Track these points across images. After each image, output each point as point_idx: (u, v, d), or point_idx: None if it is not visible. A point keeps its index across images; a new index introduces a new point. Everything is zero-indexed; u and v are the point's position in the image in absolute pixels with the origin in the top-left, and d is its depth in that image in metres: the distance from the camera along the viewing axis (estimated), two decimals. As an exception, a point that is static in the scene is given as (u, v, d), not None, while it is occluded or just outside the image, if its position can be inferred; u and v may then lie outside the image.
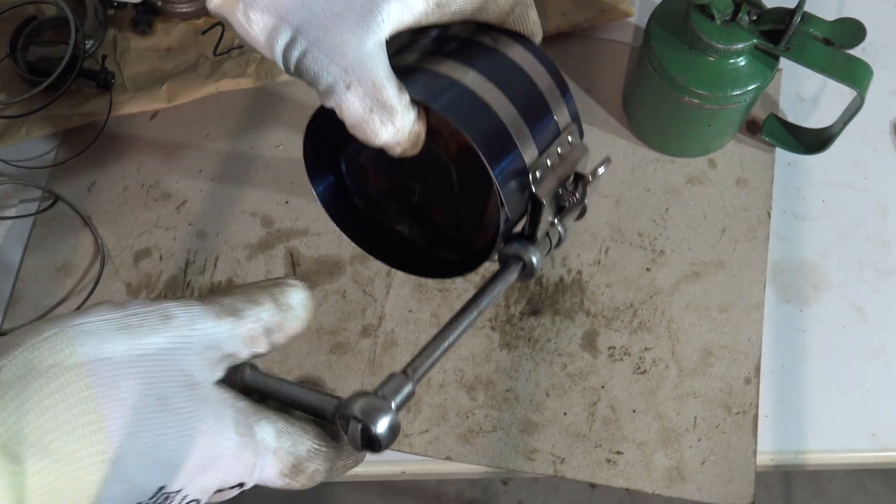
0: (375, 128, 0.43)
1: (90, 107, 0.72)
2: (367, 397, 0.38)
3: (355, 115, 0.42)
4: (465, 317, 0.44)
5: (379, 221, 0.55)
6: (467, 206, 0.51)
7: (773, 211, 0.70)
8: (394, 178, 0.52)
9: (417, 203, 0.52)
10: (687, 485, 0.62)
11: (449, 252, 0.54)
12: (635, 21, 0.76)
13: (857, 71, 0.59)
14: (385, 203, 0.54)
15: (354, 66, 0.41)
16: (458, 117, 0.44)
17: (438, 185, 0.51)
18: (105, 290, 0.68)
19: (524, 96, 0.47)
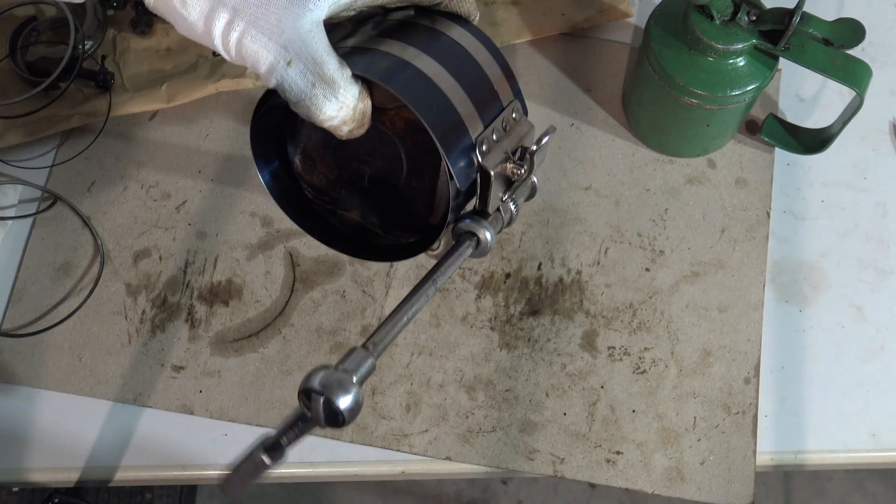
0: (319, 102, 0.43)
1: (90, 107, 0.72)
2: (328, 371, 0.37)
3: (297, 91, 0.43)
4: (422, 292, 0.45)
5: (331, 211, 0.55)
6: (417, 184, 0.51)
7: (773, 211, 0.70)
8: (342, 165, 0.52)
9: (368, 187, 0.52)
10: (686, 485, 0.62)
11: (404, 233, 0.53)
12: (635, 21, 0.76)
13: (856, 71, 0.59)
14: (335, 191, 0.54)
15: (294, 42, 0.42)
16: (400, 90, 0.44)
17: (387, 166, 0.51)
18: (105, 291, 0.68)
19: (465, 72, 0.48)
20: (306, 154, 0.53)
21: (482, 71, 0.49)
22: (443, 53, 0.47)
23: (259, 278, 0.68)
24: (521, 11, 0.74)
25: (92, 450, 0.64)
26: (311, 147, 0.52)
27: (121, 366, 0.66)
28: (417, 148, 0.49)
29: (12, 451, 0.64)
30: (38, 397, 0.66)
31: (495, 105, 0.49)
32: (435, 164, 0.49)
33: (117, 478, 0.64)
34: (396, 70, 0.45)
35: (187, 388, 0.65)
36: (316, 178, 0.53)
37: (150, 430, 0.65)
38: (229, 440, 0.64)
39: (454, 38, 0.49)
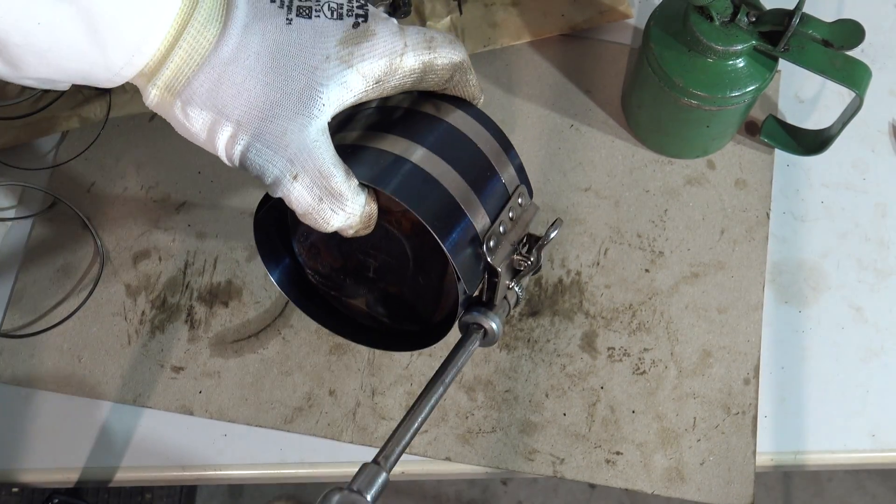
0: (326, 216, 0.42)
1: (90, 108, 0.72)
2: (343, 494, 0.38)
3: (305, 206, 0.42)
4: (432, 394, 0.44)
5: (336, 297, 0.55)
6: (424, 280, 0.51)
7: (772, 212, 0.70)
8: (347, 256, 0.52)
9: (373, 277, 0.52)
10: (686, 485, 0.62)
11: (409, 323, 0.54)
12: (634, 22, 0.76)
13: (855, 72, 0.59)
14: (339, 279, 0.54)
15: (299, 156, 0.41)
16: (407, 198, 0.43)
17: (393, 261, 0.51)
18: (104, 291, 0.68)
19: (471, 165, 0.47)
20: (310, 244, 0.53)
21: (489, 162, 0.48)
22: (448, 149, 0.46)
23: (259, 279, 0.68)
24: (520, 13, 0.74)
25: (91, 450, 0.64)
26: (314, 239, 0.52)
27: (120, 366, 0.66)
28: (424, 247, 0.49)
29: (12, 451, 0.65)
30: (37, 398, 0.66)
31: (502, 195, 0.48)
32: (442, 263, 0.48)
33: (117, 478, 0.64)
34: (403, 177, 0.44)
35: (187, 388, 0.65)
36: (320, 266, 0.54)
37: (150, 430, 0.65)
38: (229, 441, 0.64)
39: (459, 129, 0.47)
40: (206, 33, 0.40)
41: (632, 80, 0.70)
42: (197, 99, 0.41)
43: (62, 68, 0.39)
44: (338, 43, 0.41)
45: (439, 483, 1.49)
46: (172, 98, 0.41)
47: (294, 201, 0.42)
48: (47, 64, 0.38)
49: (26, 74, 0.39)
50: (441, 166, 0.45)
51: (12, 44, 0.36)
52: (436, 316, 0.52)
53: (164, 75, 0.41)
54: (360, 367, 0.66)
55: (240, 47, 0.40)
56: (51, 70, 0.39)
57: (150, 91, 0.41)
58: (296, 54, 0.40)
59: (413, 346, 0.52)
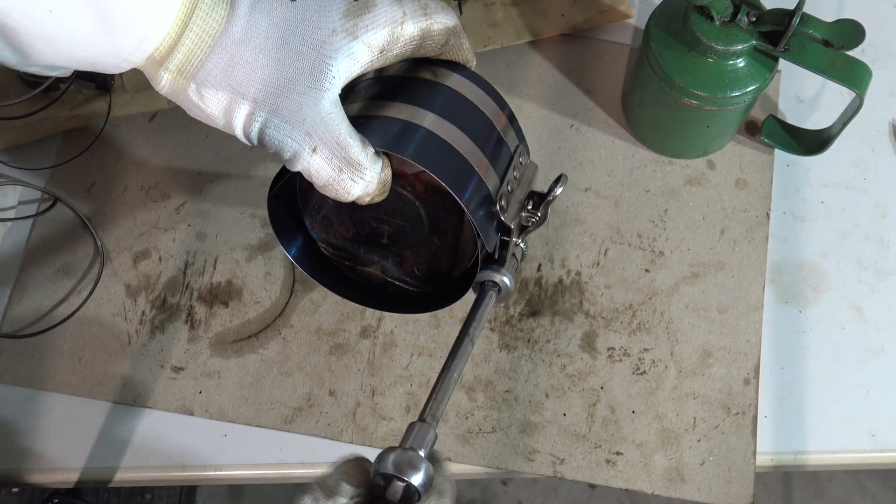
0: (347, 186, 0.43)
1: (90, 108, 0.72)
2: (397, 452, 0.39)
3: (325, 177, 0.43)
4: (463, 350, 0.46)
5: (350, 267, 0.56)
6: (439, 239, 0.51)
7: (773, 212, 0.70)
8: (360, 224, 0.53)
9: (387, 243, 0.53)
10: (686, 485, 0.62)
11: (425, 285, 0.54)
12: (634, 22, 0.76)
13: (856, 72, 0.59)
14: (353, 248, 0.54)
15: (316, 128, 0.41)
16: (425, 161, 0.44)
17: (407, 224, 0.51)
18: (104, 291, 0.68)
19: (476, 127, 0.48)
20: (323, 217, 0.53)
21: (489, 121, 0.50)
22: (452, 110, 0.48)
23: (259, 279, 0.68)
24: (520, 13, 0.74)
25: (92, 450, 0.64)
26: (326, 211, 0.53)
27: (120, 367, 0.66)
28: (438, 209, 0.49)
29: (12, 451, 0.65)
30: (37, 398, 0.66)
31: (506, 154, 0.50)
32: (456, 223, 0.49)
33: (117, 478, 0.64)
34: (415, 140, 0.45)
35: (187, 388, 0.65)
36: (333, 237, 0.54)
37: (150, 430, 0.65)
38: (229, 441, 0.64)
39: (459, 92, 0.49)
40: (214, 15, 0.41)
41: (632, 80, 0.70)
42: (211, 80, 0.41)
43: (71, 55, 0.39)
44: (342, 16, 0.42)
45: (439, 483, 1.48)
46: (186, 81, 0.42)
47: (314, 173, 0.42)
48: (56, 52, 0.38)
49: (33, 62, 0.39)
50: (451, 130, 0.47)
51: (23, 32, 0.37)
52: (453, 275, 0.53)
53: (175, 59, 0.41)
54: (360, 367, 0.66)
55: (248, 27, 0.41)
56: (59, 57, 0.39)
57: (161, 76, 0.42)
58: (303, 30, 0.41)
59: (430, 308, 0.53)
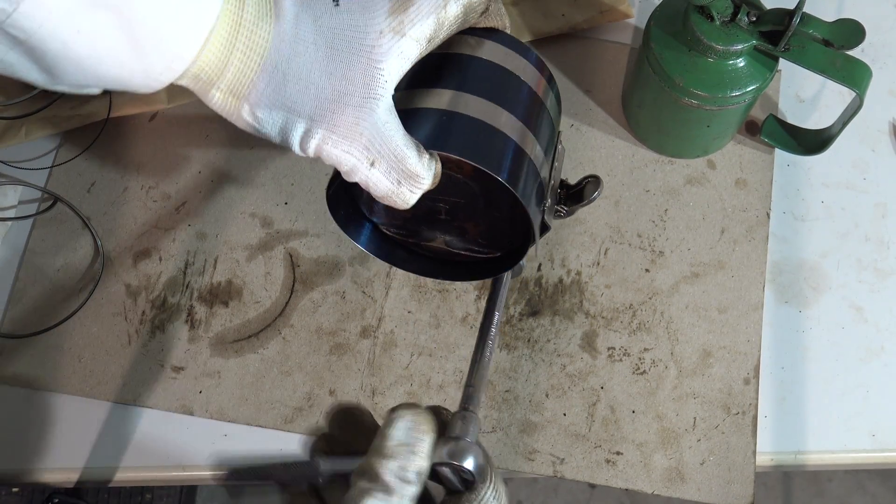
0: (405, 197, 0.43)
1: (90, 108, 0.72)
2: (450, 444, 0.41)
3: (384, 190, 0.43)
4: (489, 333, 0.48)
5: (415, 243, 0.57)
6: (496, 211, 0.52)
7: (773, 212, 0.70)
8: (416, 206, 0.53)
9: (446, 219, 0.53)
10: (686, 485, 0.62)
11: (490, 250, 0.55)
12: (634, 22, 0.76)
13: (856, 72, 0.59)
14: (414, 227, 0.55)
15: (374, 141, 0.41)
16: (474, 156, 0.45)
17: (464, 201, 0.52)
18: (104, 291, 0.68)
19: (520, 102, 0.49)
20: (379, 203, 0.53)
21: (533, 93, 0.50)
22: (495, 88, 0.47)
23: (259, 279, 0.68)
24: (520, 12, 0.74)
25: (92, 450, 0.64)
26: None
27: (121, 366, 0.66)
28: (490, 185, 0.50)
29: (12, 451, 0.65)
30: (37, 398, 0.66)
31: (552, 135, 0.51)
32: (510, 195, 0.49)
33: (117, 478, 0.64)
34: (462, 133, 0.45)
35: (187, 388, 0.65)
36: (394, 218, 0.55)
37: (150, 430, 0.65)
38: (229, 441, 0.64)
39: (499, 64, 0.49)
40: (259, 31, 0.40)
41: (632, 79, 0.70)
42: (265, 100, 0.41)
43: (99, 76, 0.38)
44: (387, 15, 0.41)
45: (439, 483, 1.48)
46: (238, 102, 0.41)
47: (373, 186, 0.42)
48: (84, 71, 0.38)
49: (61, 82, 0.39)
50: (495, 112, 0.46)
51: (50, 52, 0.36)
52: (513, 241, 0.54)
53: (226, 79, 0.40)
54: (360, 367, 0.66)
55: (296, 40, 0.40)
56: (87, 77, 0.38)
57: (214, 95, 0.41)
58: (351, 37, 0.40)
59: (496, 272, 0.54)
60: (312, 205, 0.70)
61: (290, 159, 0.72)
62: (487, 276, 0.55)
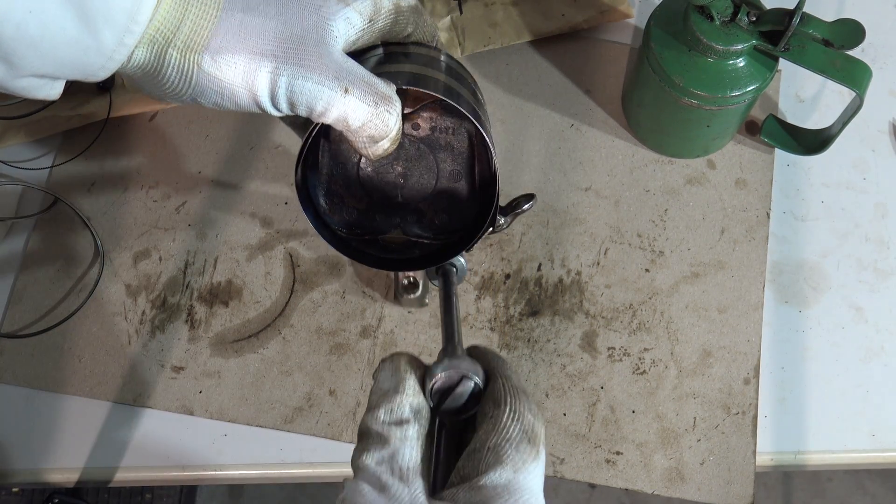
0: (385, 119, 0.43)
1: (90, 108, 0.72)
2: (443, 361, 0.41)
3: (363, 114, 0.43)
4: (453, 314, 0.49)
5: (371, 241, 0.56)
6: (452, 179, 0.53)
7: (773, 211, 0.70)
8: (371, 191, 0.54)
9: (402, 202, 0.54)
10: (686, 485, 0.62)
11: (449, 235, 0.55)
12: (635, 22, 0.76)
13: (856, 72, 0.59)
14: (369, 220, 0.55)
15: (341, 72, 0.42)
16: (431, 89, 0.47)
17: (418, 173, 0.53)
18: (104, 291, 0.68)
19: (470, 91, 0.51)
20: (332, 194, 0.54)
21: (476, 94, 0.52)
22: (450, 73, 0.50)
23: (259, 279, 0.68)
24: (520, 12, 0.74)
25: (92, 450, 0.64)
26: (335, 185, 0.53)
27: (120, 366, 0.66)
28: (447, 146, 0.51)
29: (12, 451, 0.65)
30: (37, 398, 0.66)
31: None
32: (468, 154, 0.50)
33: (117, 478, 0.64)
34: (426, 80, 0.47)
35: (187, 388, 0.65)
36: (346, 215, 0.55)
37: (150, 430, 0.65)
38: (229, 440, 0.64)
39: (434, 56, 0.51)
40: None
41: (632, 79, 0.70)
42: (226, 46, 0.41)
43: (57, 59, 0.39)
44: None
45: (439, 483, 1.48)
46: (197, 56, 0.41)
47: (352, 114, 0.43)
48: (42, 56, 0.38)
49: (21, 71, 0.39)
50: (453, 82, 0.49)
51: (6, 37, 0.37)
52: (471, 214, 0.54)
53: (182, 33, 0.41)
54: (360, 366, 0.66)
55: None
56: (45, 62, 0.39)
57: (170, 56, 0.41)
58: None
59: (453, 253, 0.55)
60: (312, 205, 0.70)
61: (290, 161, 0.72)
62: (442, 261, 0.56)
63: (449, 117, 0.50)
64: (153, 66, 0.42)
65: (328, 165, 0.52)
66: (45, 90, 0.42)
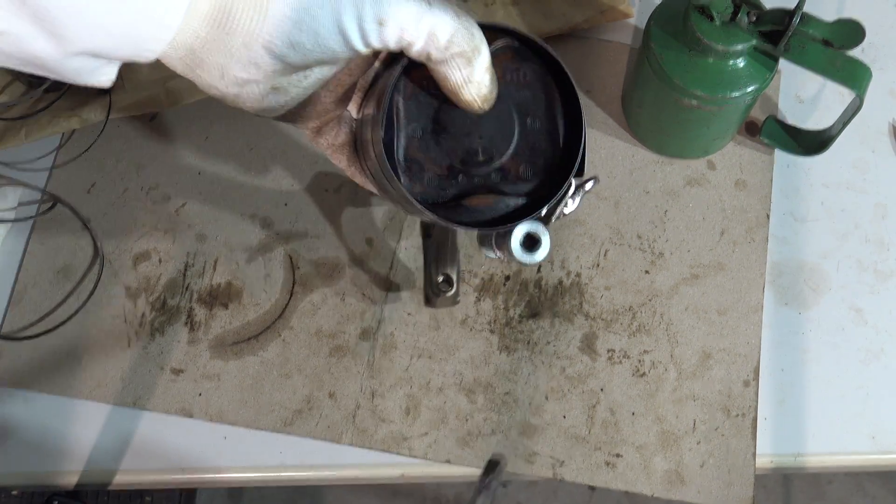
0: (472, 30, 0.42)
1: (90, 109, 0.72)
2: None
3: (451, 25, 0.41)
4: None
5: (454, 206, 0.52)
6: (532, 123, 0.50)
7: (772, 213, 0.70)
8: (450, 152, 0.50)
9: (483, 160, 0.50)
10: (686, 488, 0.62)
11: (532, 183, 0.51)
12: (634, 22, 0.76)
13: (856, 72, 0.59)
14: (450, 185, 0.51)
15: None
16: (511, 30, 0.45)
17: (496, 125, 0.50)
18: (104, 293, 0.68)
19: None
20: (410, 162, 0.50)
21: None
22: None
23: (259, 281, 0.68)
24: (520, 12, 0.74)
25: (91, 453, 0.64)
26: (413, 149, 0.50)
27: (120, 369, 0.66)
28: (523, 95, 0.49)
29: (12, 453, 0.64)
30: (37, 400, 0.66)
31: None
32: (548, 103, 0.49)
33: (116, 481, 0.64)
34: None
35: (186, 391, 0.65)
36: (427, 183, 0.51)
37: (150, 433, 0.65)
38: (228, 443, 0.64)
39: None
40: None
41: (632, 80, 0.70)
42: None
43: (107, 32, 0.37)
44: None
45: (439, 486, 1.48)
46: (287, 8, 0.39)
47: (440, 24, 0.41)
48: (91, 28, 0.37)
49: (71, 48, 0.37)
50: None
51: (53, 8, 0.35)
52: (555, 160, 0.51)
53: None
54: (359, 369, 0.65)
55: None
56: (95, 35, 0.37)
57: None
58: None
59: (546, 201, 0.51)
60: (312, 206, 0.70)
61: (290, 161, 0.72)
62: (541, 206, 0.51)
63: (520, 61, 0.47)
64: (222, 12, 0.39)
65: (404, 128, 0.49)
66: (98, 74, 0.41)
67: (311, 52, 0.40)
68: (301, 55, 0.40)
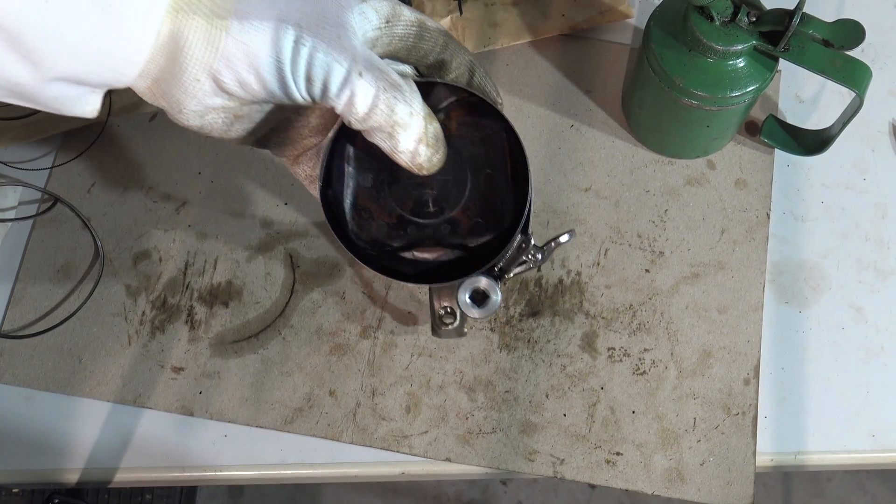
0: (392, 104, 0.42)
1: (90, 108, 0.72)
2: None
3: (370, 98, 0.41)
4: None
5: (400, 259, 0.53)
6: (485, 182, 0.49)
7: (773, 212, 0.70)
8: (401, 201, 0.50)
9: (434, 212, 0.50)
10: (686, 486, 0.62)
11: (482, 237, 0.51)
12: (634, 22, 0.76)
13: (856, 72, 0.59)
14: (400, 235, 0.51)
15: (359, 56, 0.41)
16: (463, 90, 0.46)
17: (449, 178, 0.49)
18: (104, 292, 0.68)
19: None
20: (359, 210, 0.51)
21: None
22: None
23: (259, 279, 0.68)
24: (520, 13, 0.74)
25: (92, 451, 0.64)
26: (363, 198, 0.50)
27: (121, 367, 0.66)
28: (476, 150, 0.48)
29: (13, 451, 0.65)
30: (38, 398, 0.66)
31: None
32: (500, 158, 0.48)
33: (117, 479, 0.64)
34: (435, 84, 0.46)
35: (187, 389, 0.65)
36: (376, 230, 0.51)
37: (150, 431, 0.65)
38: (229, 441, 0.64)
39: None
40: None
41: (632, 80, 0.70)
42: (253, 11, 0.40)
43: (83, 56, 0.38)
44: None
45: (439, 483, 1.49)
46: (224, 22, 0.39)
47: (360, 95, 0.41)
48: (67, 52, 0.37)
49: (48, 73, 0.38)
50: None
51: (28, 33, 0.36)
52: (506, 216, 0.51)
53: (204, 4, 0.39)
54: (360, 367, 0.66)
55: None
56: (72, 60, 0.38)
57: (195, 24, 0.39)
58: None
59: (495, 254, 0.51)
60: (312, 205, 0.70)
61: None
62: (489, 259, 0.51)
63: (477, 116, 0.47)
64: (177, 45, 0.39)
65: (353, 177, 0.49)
66: (82, 104, 0.41)
67: (259, 94, 0.41)
68: (250, 94, 0.41)
